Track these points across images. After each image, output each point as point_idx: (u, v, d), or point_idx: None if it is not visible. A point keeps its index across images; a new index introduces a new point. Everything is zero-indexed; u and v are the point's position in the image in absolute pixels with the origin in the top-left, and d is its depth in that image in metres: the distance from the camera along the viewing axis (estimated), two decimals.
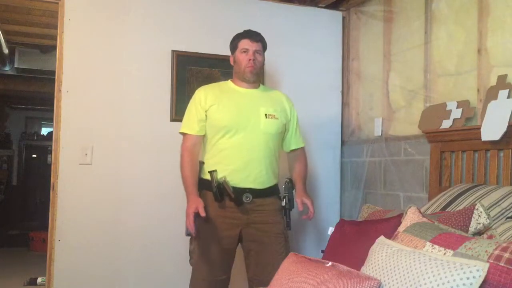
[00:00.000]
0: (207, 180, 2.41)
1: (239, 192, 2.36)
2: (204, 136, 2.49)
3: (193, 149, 2.44)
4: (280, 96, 2.61)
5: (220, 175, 2.35)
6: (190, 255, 2.46)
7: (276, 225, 2.45)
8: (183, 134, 2.49)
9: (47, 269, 2.87)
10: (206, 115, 2.44)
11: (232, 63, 2.55)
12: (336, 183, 3.57)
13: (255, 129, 2.41)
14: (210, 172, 2.36)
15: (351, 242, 2.21)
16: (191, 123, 2.47)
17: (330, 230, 2.44)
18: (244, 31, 2.54)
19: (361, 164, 3.41)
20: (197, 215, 2.34)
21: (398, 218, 2.14)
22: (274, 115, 2.47)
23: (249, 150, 2.39)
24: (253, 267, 2.45)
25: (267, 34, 2.57)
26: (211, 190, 2.36)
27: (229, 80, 2.58)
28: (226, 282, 2.44)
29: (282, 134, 2.55)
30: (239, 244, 2.48)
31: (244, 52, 2.46)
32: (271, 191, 2.48)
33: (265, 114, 2.45)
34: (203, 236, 2.38)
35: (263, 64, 2.55)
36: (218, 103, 2.44)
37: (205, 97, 2.46)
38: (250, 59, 2.44)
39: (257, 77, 2.54)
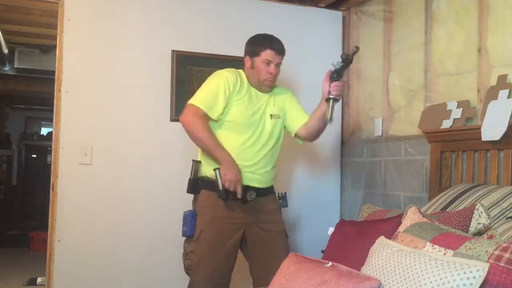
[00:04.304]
0: (208, 179, 2.37)
1: (243, 190, 2.33)
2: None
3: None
4: (281, 92, 2.55)
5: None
6: (185, 256, 2.40)
7: (277, 224, 2.45)
8: (195, 107, 2.32)
9: (47, 269, 2.87)
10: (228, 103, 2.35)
11: (248, 66, 2.44)
12: (336, 183, 3.57)
13: (262, 130, 2.40)
14: (215, 170, 2.30)
15: (351, 242, 2.20)
16: (214, 103, 2.32)
17: (330, 230, 2.44)
18: (267, 38, 2.43)
19: (361, 164, 3.41)
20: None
21: (398, 218, 2.13)
22: (278, 115, 2.47)
23: (255, 149, 2.37)
24: (258, 267, 2.41)
25: None
26: (214, 189, 2.31)
27: (243, 74, 2.46)
28: (227, 285, 2.42)
29: (283, 132, 2.53)
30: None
31: (267, 63, 2.38)
32: (269, 190, 2.48)
33: (271, 115, 2.44)
34: (206, 237, 2.33)
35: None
36: (238, 97, 2.37)
37: (233, 84, 2.35)
38: (271, 73, 2.38)
39: (272, 87, 2.49)
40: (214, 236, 2.34)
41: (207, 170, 2.38)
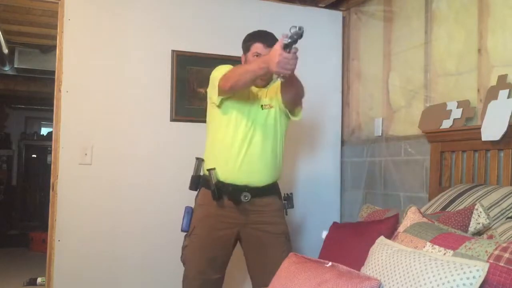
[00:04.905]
0: (206, 178, 2.38)
1: (238, 190, 2.33)
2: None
3: None
4: (275, 82, 2.46)
5: (219, 171, 2.33)
6: (182, 251, 2.43)
7: (276, 226, 2.42)
8: (221, 76, 2.29)
9: (47, 269, 2.87)
10: None
11: (243, 62, 2.47)
12: (336, 183, 3.56)
13: (254, 123, 2.37)
14: (209, 171, 2.33)
15: (347, 245, 2.21)
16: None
17: (324, 234, 2.44)
18: (258, 32, 2.45)
19: (361, 164, 3.41)
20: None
21: (394, 219, 2.14)
22: (270, 104, 2.42)
23: (248, 145, 2.35)
24: (254, 267, 2.43)
25: None
26: (209, 188, 2.33)
27: None
28: (220, 282, 2.42)
29: (284, 125, 2.48)
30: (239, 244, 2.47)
31: (256, 56, 2.38)
32: (270, 190, 2.44)
33: (262, 105, 2.41)
34: (198, 233, 2.36)
35: None
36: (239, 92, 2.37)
37: None
38: None
39: (267, 81, 2.47)
40: (205, 233, 2.36)
41: (205, 168, 2.40)
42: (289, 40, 2.01)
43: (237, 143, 2.34)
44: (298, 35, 2.01)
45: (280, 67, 2.02)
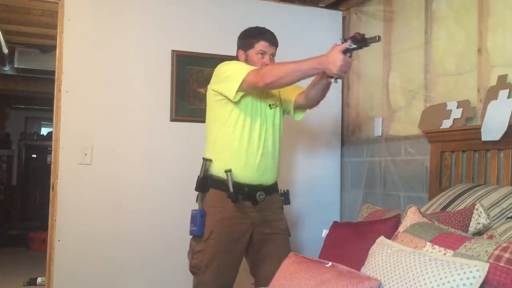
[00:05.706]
0: (217, 178, 2.32)
1: (253, 190, 2.31)
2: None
3: None
4: None
5: (236, 172, 2.28)
6: (191, 255, 2.34)
7: (280, 222, 2.44)
8: (247, 75, 2.22)
9: (47, 269, 2.87)
10: None
11: (242, 59, 2.45)
12: (336, 183, 3.57)
13: (266, 122, 2.37)
14: (226, 172, 2.27)
15: (347, 245, 2.20)
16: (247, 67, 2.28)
17: (325, 232, 2.44)
18: (260, 30, 2.45)
19: (361, 164, 3.41)
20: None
21: (395, 219, 2.14)
22: (275, 103, 2.43)
23: (260, 144, 2.34)
24: (263, 266, 2.38)
25: None
26: (223, 189, 2.29)
27: None
28: (232, 285, 2.40)
29: (283, 123, 2.48)
30: None
31: (261, 54, 2.39)
32: (275, 188, 2.46)
33: (269, 105, 2.41)
34: (217, 237, 2.29)
35: None
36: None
37: None
38: (266, 64, 2.36)
39: None
40: (224, 237, 2.30)
41: (217, 169, 2.33)
42: (354, 46, 2.08)
43: (255, 142, 2.33)
44: (364, 42, 2.09)
45: (341, 70, 2.08)
